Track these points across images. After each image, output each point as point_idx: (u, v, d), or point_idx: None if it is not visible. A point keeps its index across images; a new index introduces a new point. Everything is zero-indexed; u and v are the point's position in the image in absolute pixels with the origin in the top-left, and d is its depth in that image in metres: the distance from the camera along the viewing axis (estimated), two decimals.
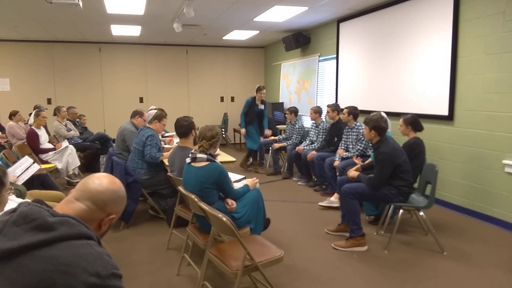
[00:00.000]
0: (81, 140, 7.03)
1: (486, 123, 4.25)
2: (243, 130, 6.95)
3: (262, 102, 6.95)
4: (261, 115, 7.04)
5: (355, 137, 5.13)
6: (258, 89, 6.86)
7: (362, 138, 5.04)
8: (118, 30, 7.80)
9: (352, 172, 3.86)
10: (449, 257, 3.42)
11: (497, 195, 4.17)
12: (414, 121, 4.08)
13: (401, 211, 3.63)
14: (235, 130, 10.22)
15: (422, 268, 3.22)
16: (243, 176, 3.69)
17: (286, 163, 6.74)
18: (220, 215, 2.37)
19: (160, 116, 4.53)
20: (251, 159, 7.29)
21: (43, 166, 5.23)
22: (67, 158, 5.93)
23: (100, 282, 1.01)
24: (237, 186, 3.22)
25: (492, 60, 4.14)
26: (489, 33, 4.15)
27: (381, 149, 3.48)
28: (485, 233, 4.00)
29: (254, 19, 6.82)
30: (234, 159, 4.31)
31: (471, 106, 4.42)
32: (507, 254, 3.48)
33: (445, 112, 4.71)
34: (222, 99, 10.63)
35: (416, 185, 3.92)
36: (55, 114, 6.92)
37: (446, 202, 4.83)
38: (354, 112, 5.12)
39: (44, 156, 5.82)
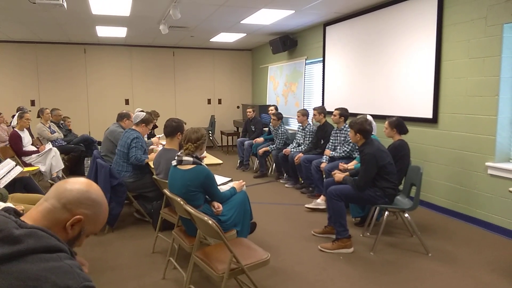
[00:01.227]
0: (65, 143, 6.92)
1: (469, 125, 4.32)
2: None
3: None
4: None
5: (343, 138, 5.17)
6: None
7: (350, 140, 5.07)
8: (103, 31, 7.72)
9: (338, 175, 3.88)
10: (434, 258, 3.46)
11: (480, 197, 4.23)
12: (399, 124, 4.13)
13: (386, 213, 3.67)
14: (222, 133, 10.20)
15: (407, 270, 3.25)
16: (229, 179, 3.68)
17: (275, 166, 6.75)
18: (206, 218, 2.36)
19: (148, 120, 4.49)
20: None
21: (26, 169, 5.12)
22: (51, 160, 5.82)
23: None
24: (223, 188, 3.20)
25: (475, 64, 4.21)
26: (472, 38, 4.23)
27: (366, 150, 3.52)
28: (469, 234, 4.06)
29: (241, 22, 6.82)
30: (221, 161, 4.29)
31: (455, 109, 4.49)
32: (490, 254, 3.53)
33: (429, 115, 4.78)
34: (209, 101, 10.60)
35: (401, 187, 3.96)
36: (38, 116, 6.80)
37: (430, 203, 4.90)
38: (345, 114, 5.16)
39: (27, 159, 5.71)
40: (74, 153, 6.87)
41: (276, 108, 7.39)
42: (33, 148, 5.92)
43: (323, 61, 7.09)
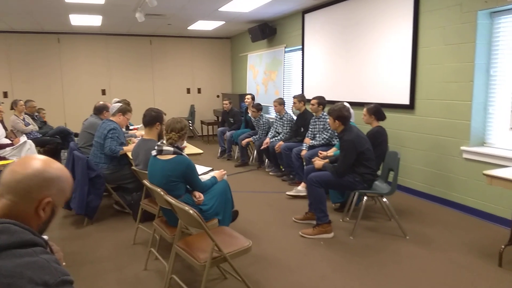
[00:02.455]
0: (41, 135, 6.76)
1: (445, 111, 4.41)
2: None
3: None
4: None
5: (322, 126, 5.21)
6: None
7: (328, 128, 5.12)
8: (77, 20, 7.49)
9: (318, 162, 3.92)
10: (412, 241, 3.55)
11: (456, 180, 4.35)
12: (377, 111, 4.19)
13: (365, 198, 3.73)
14: (202, 122, 10.13)
15: (386, 253, 3.33)
16: (210, 168, 3.67)
17: (256, 154, 6.76)
18: (187, 208, 2.35)
19: (125, 109, 4.41)
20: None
21: (0, 162, 4.98)
22: (26, 153, 5.66)
23: None
24: (204, 178, 3.19)
25: (450, 51, 4.29)
26: (448, 24, 4.29)
27: (345, 137, 3.56)
28: (445, 217, 4.18)
29: (219, 9, 6.73)
30: (201, 151, 4.27)
31: (431, 95, 4.57)
32: (465, 236, 3.65)
33: (406, 101, 4.86)
34: (188, 90, 10.48)
35: (379, 172, 4.03)
36: (12, 108, 6.60)
37: (408, 188, 5.01)
38: (323, 102, 5.20)
39: (1, 152, 5.54)
40: (50, 146, 6.71)
41: (253, 97, 7.36)
42: (7, 141, 5.74)
43: (302, 49, 7.09)
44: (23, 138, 5.84)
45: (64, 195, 1.19)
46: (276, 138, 6.08)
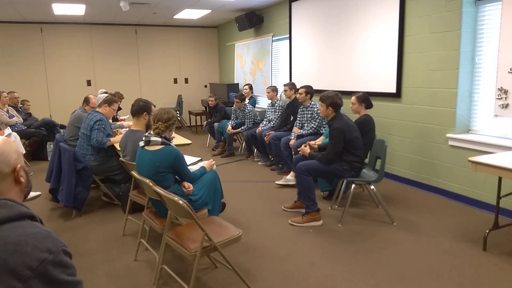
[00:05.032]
0: (25, 127, 6.65)
1: (431, 99, 4.46)
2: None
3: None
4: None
5: (309, 115, 5.22)
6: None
7: (316, 117, 5.14)
8: (60, 9, 7.32)
9: (304, 149, 3.92)
10: (399, 227, 3.61)
11: (441, 167, 4.42)
12: (366, 98, 4.22)
13: (353, 185, 3.77)
14: (190, 113, 10.06)
15: (374, 239, 3.38)
16: (199, 158, 3.66)
17: (245, 145, 6.76)
18: (176, 198, 2.34)
19: (111, 100, 4.36)
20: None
21: None
22: None
23: (53, 258, 1.00)
24: (193, 168, 3.18)
25: (436, 39, 4.32)
26: (433, 12, 4.31)
27: (335, 125, 3.58)
28: (431, 203, 4.26)
29: None
30: (189, 141, 4.25)
31: (417, 83, 4.61)
32: (451, 222, 3.72)
33: (393, 89, 4.89)
34: (175, 80, 10.39)
35: (366, 160, 4.07)
36: None
37: (395, 175, 5.07)
38: (311, 91, 5.20)
39: None
40: (35, 138, 6.61)
41: (251, 87, 7.32)
42: None
43: (290, 38, 7.06)
44: (8, 131, 5.74)
45: (20, 155, 1.24)
46: (268, 126, 6.09)
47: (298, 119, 5.39)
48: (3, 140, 1.21)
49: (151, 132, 2.96)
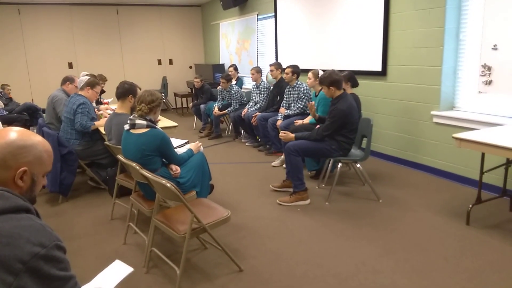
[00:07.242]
0: (7, 112, 6.49)
1: (415, 77, 4.48)
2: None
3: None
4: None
5: (296, 95, 5.21)
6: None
7: (303, 96, 5.13)
8: None
9: (286, 136, 3.79)
10: (385, 204, 3.67)
11: (426, 144, 4.49)
12: (352, 77, 4.21)
13: (339, 164, 3.81)
14: (175, 94, 9.95)
15: (360, 216, 3.44)
16: (186, 141, 3.64)
17: (232, 126, 6.74)
18: (163, 181, 2.33)
19: (93, 82, 4.26)
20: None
21: None
22: None
23: (45, 252, 0.99)
24: (180, 151, 3.16)
25: (421, 16, 4.31)
26: None
27: (339, 106, 3.54)
28: (416, 179, 4.33)
29: None
30: (176, 124, 4.21)
31: (402, 61, 4.62)
32: (435, 197, 3.80)
33: (378, 67, 4.89)
34: (159, 62, 10.21)
35: None
36: None
37: (380, 153, 5.13)
38: (297, 71, 5.16)
39: None
40: (17, 123, 6.46)
41: (235, 68, 7.21)
42: None
43: (275, 16, 6.97)
44: None
45: (43, 164, 1.20)
46: (254, 107, 6.05)
47: (285, 99, 5.37)
48: (40, 140, 1.19)
49: (135, 114, 2.91)
